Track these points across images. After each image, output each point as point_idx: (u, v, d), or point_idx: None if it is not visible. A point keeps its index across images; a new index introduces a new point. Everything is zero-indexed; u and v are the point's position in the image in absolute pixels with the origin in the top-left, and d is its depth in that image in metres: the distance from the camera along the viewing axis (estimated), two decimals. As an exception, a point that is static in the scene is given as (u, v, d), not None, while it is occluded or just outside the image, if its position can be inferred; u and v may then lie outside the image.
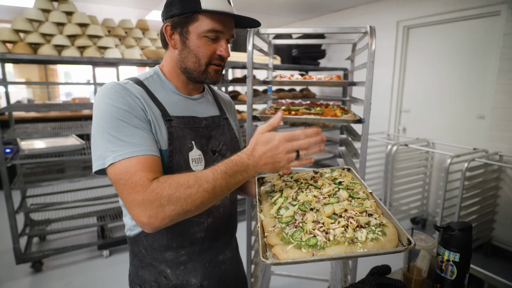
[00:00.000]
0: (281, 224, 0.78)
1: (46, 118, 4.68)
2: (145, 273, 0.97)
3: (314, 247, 0.71)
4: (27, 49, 2.39)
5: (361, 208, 0.80)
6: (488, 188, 2.82)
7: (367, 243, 0.70)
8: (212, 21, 0.86)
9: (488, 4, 2.85)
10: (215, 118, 1.02)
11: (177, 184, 0.72)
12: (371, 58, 1.31)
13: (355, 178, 1.02)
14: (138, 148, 0.76)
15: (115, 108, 0.78)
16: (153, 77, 0.94)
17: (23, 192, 2.90)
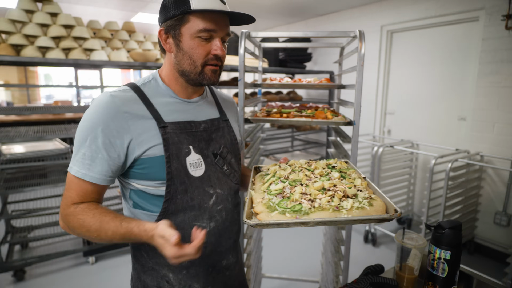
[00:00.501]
0: (269, 195, 0.83)
1: (27, 121, 4.55)
2: (147, 277, 0.96)
3: (298, 212, 0.73)
4: (9, 50, 2.32)
5: (351, 184, 0.83)
6: (471, 187, 2.91)
7: (352, 210, 0.72)
8: (203, 21, 0.86)
9: (467, 10, 2.96)
10: (215, 121, 1.01)
11: (82, 224, 0.82)
12: (361, 61, 1.34)
13: (350, 166, 1.07)
14: (88, 173, 0.83)
15: (92, 125, 0.83)
16: (150, 82, 0.94)
17: (4, 198, 2.80)
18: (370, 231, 3.23)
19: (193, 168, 0.90)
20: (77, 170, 0.83)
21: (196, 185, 0.91)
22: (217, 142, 0.98)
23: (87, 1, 3.81)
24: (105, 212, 0.83)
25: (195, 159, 0.91)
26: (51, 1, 2.53)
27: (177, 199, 0.89)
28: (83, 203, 0.86)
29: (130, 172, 0.89)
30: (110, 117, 0.83)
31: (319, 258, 2.80)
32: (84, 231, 0.82)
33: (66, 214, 0.84)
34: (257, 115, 1.58)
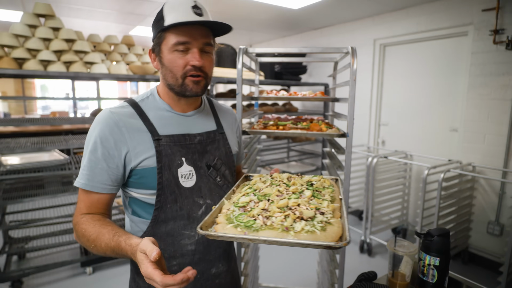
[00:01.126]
0: (234, 207, 0.84)
1: (25, 132, 4.57)
2: (140, 280, 1.01)
3: (249, 228, 0.74)
4: (12, 64, 2.38)
5: (315, 206, 0.81)
6: (463, 197, 2.97)
7: (301, 233, 0.70)
8: (177, 35, 0.91)
9: (457, 25, 3.07)
10: (211, 133, 1.06)
11: (83, 233, 0.88)
12: (353, 76, 1.41)
13: (335, 186, 1.05)
14: (89, 183, 0.91)
15: (93, 139, 0.91)
16: (148, 98, 1.00)
17: (3, 209, 2.81)
18: (366, 241, 3.26)
19: (184, 179, 0.95)
20: (79, 181, 0.92)
21: (186, 195, 0.96)
22: (211, 154, 1.03)
23: (87, 15, 3.89)
24: (105, 224, 0.88)
25: (186, 171, 0.96)
26: (53, 16, 2.60)
27: (167, 208, 0.94)
28: (90, 214, 0.92)
29: (128, 182, 0.95)
30: (109, 131, 0.90)
31: (315, 267, 2.82)
32: (84, 240, 0.87)
33: (74, 223, 0.92)
34: (254, 127, 1.64)
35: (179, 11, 0.89)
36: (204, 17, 0.93)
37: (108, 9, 3.63)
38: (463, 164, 3.00)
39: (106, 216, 0.96)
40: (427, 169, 2.77)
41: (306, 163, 4.90)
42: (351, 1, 3.25)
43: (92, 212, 0.93)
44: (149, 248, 0.70)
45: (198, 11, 0.91)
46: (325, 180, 1.05)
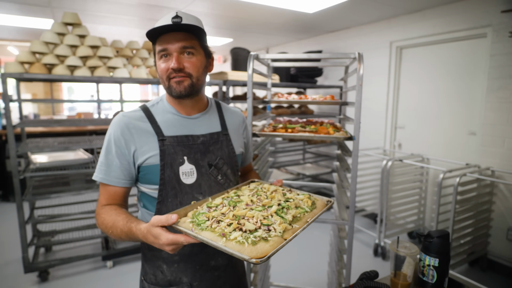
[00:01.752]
0: (206, 206, 0.93)
1: (52, 132, 4.83)
2: (147, 266, 1.12)
3: (198, 226, 0.83)
4: (42, 69, 2.56)
5: (267, 221, 0.84)
6: (482, 202, 2.91)
7: (231, 241, 0.76)
8: (159, 44, 1.01)
9: (474, 27, 3.02)
10: (214, 135, 1.13)
11: (102, 222, 0.99)
12: (360, 81, 1.45)
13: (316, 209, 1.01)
14: (106, 177, 1.03)
15: (108, 139, 1.04)
16: (158, 104, 1.11)
17: (32, 204, 3.01)
18: (380, 245, 3.25)
19: (185, 176, 1.05)
20: (97, 175, 1.05)
21: (186, 191, 1.05)
22: (214, 154, 1.11)
23: (111, 21, 4.08)
24: (121, 213, 0.99)
25: (188, 169, 1.05)
26: (80, 24, 2.77)
27: (168, 202, 1.04)
28: (109, 205, 1.04)
29: (138, 177, 1.07)
30: (120, 132, 1.02)
31: (325, 268, 2.85)
32: (103, 227, 1.00)
33: (96, 214, 1.05)
34: (264, 130, 1.70)
35: (161, 23, 0.99)
36: (183, 21, 0.99)
37: (130, 15, 3.80)
38: (481, 169, 2.94)
39: (123, 206, 1.07)
40: (442, 173, 2.74)
41: (322, 165, 4.91)
42: (367, 5, 3.26)
43: (111, 203, 1.05)
44: (163, 217, 0.82)
45: (176, 20, 0.97)
46: (309, 201, 1.02)
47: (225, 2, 3.23)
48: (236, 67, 3.96)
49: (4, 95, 2.35)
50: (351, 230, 1.60)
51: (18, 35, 5.21)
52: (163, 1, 3.21)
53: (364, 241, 3.57)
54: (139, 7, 3.46)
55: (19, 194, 2.46)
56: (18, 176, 2.43)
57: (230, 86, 3.31)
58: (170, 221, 0.82)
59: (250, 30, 4.57)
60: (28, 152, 2.61)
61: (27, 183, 2.98)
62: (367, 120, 4.16)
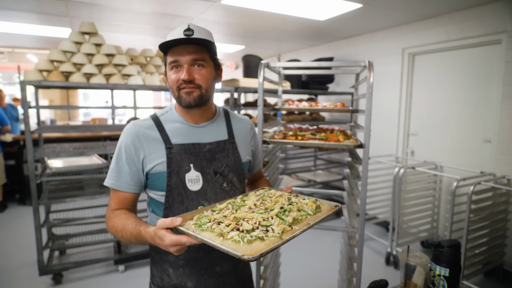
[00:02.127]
0: (211, 210, 0.97)
1: (68, 138, 4.96)
2: (155, 269, 1.16)
3: (199, 227, 0.86)
4: (60, 77, 2.65)
5: (266, 222, 0.86)
6: (497, 211, 2.84)
7: (228, 240, 0.78)
8: (170, 56, 1.05)
9: (489, 33, 2.98)
10: (221, 143, 1.16)
11: (113, 225, 1.03)
12: (370, 89, 1.45)
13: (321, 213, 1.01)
14: (116, 183, 1.08)
15: (119, 146, 1.09)
16: (167, 113, 1.15)
17: (48, 208, 3.09)
18: (392, 253, 3.20)
19: (191, 183, 1.07)
20: (108, 181, 1.09)
21: (192, 197, 1.08)
22: (219, 162, 1.13)
23: (126, 30, 4.19)
24: (130, 217, 1.02)
25: (193, 176, 1.08)
26: (96, 33, 2.86)
27: (174, 208, 1.07)
28: (119, 209, 1.08)
29: (147, 184, 1.11)
30: (131, 140, 1.07)
31: (336, 276, 2.83)
32: (114, 231, 1.03)
33: (106, 218, 1.08)
34: (274, 137, 1.72)
35: (172, 35, 1.02)
36: (194, 37, 1.02)
37: (145, 24, 3.90)
38: (496, 177, 2.88)
39: (132, 211, 1.11)
40: (456, 181, 2.69)
41: (333, 172, 4.88)
42: (379, 12, 3.26)
43: (121, 208, 1.09)
44: (168, 220, 0.86)
45: (188, 33, 1.01)
46: (313, 205, 1.02)
47: (238, 11, 3.28)
48: (248, 74, 4.00)
49: (23, 102, 2.44)
50: (361, 238, 1.60)
51: (37, 44, 5.40)
52: (177, 10, 3.29)
53: (376, 249, 3.53)
54: (154, 16, 3.54)
55: (36, 198, 2.53)
56: (35, 180, 2.51)
57: (241, 92, 3.34)
58: (175, 223, 0.86)
59: (261, 37, 4.61)
60: (44, 157, 2.69)
61: (43, 187, 3.06)
62: (379, 127, 4.12)
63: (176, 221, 0.86)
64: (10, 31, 4.29)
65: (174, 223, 0.86)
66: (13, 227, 3.94)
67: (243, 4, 3.05)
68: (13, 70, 8.08)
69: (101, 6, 3.18)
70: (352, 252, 1.75)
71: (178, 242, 0.83)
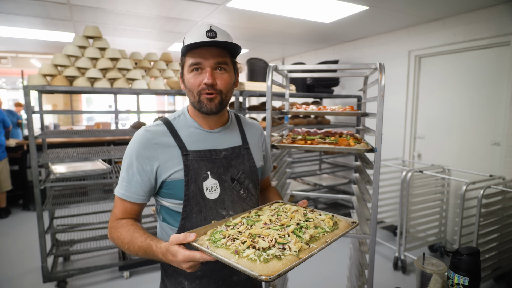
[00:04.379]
0: (225, 225, 0.93)
1: (72, 143, 4.94)
2: (168, 281, 1.10)
3: (213, 243, 0.83)
4: (64, 81, 2.63)
5: (283, 240, 0.83)
6: (508, 215, 2.79)
7: (244, 259, 0.76)
8: (191, 57, 1.00)
9: (497, 35, 2.95)
10: (236, 149, 1.12)
11: (119, 236, 0.99)
12: (381, 92, 1.42)
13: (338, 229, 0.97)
14: (126, 193, 1.03)
15: (129, 155, 1.03)
16: (180, 117, 1.10)
17: (52, 213, 3.06)
18: (400, 258, 3.15)
19: (209, 191, 1.03)
20: (118, 191, 1.04)
21: (210, 206, 1.03)
22: (236, 168, 1.10)
23: (130, 34, 4.19)
24: (138, 229, 0.99)
25: (211, 184, 1.04)
26: (100, 37, 2.84)
27: (192, 218, 1.02)
28: (125, 219, 1.04)
29: (160, 192, 1.05)
30: (143, 148, 1.01)
31: (345, 282, 2.78)
32: (119, 242, 0.99)
33: (110, 227, 1.04)
34: (283, 141, 1.68)
35: (194, 36, 0.98)
36: (217, 39, 0.98)
37: (149, 28, 3.89)
38: (506, 180, 2.83)
39: (137, 221, 1.07)
40: (465, 185, 2.65)
41: (339, 176, 4.84)
42: (385, 14, 3.23)
43: (126, 217, 1.05)
44: (182, 235, 0.83)
45: (211, 35, 0.98)
46: (330, 221, 0.98)
47: (242, 14, 3.26)
48: (253, 78, 3.98)
49: (27, 107, 2.42)
50: (373, 244, 1.55)
51: (41, 48, 5.41)
52: (182, 14, 3.27)
53: (383, 253, 3.47)
54: (158, 20, 3.53)
55: (40, 204, 2.51)
56: (38, 186, 2.48)
57: (246, 96, 3.31)
58: (188, 239, 0.83)
59: (266, 41, 4.59)
60: (48, 162, 2.67)
61: (47, 193, 3.04)
62: (385, 130, 4.08)
63: (190, 237, 0.83)
64: (14, 36, 4.29)
65: (188, 239, 0.83)
66: (17, 233, 3.91)
67: (248, 8, 3.03)
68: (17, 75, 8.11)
69: (105, 10, 3.18)
70: (363, 258, 1.71)
71: (192, 258, 0.80)
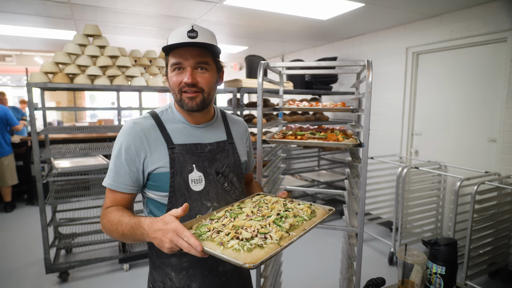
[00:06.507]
0: (209, 218, 0.97)
1: (74, 139, 5.03)
2: (156, 273, 1.14)
3: (199, 236, 0.86)
4: (65, 78, 2.69)
5: (264, 230, 0.87)
6: (502, 211, 2.82)
7: (228, 249, 0.79)
8: (173, 56, 1.03)
9: (494, 31, 2.96)
10: (221, 143, 1.17)
11: (108, 220, 1.00)
12: (369, 89, 1.46)
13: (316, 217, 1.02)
14: (114, 183, 1.05)
15: (118, 146, 1.05)
16: (167, 111, 1.14)
17: (54, 207, 3.14)
18: (395, 253, 3.19)
19: (194, 183, 1.07)
20: (106, 181, 1.07)
21: (195, 198, 1.07)
22: (220, 162, 1.14)
23: (129, 32, 4.24)
24: (126, 212, 1.02)
25: (196, 176, 1.08)
26: (100, 36, 2.90)
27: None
28: (115, 206, 1.07)
29: (147, 184, 1.09)
30: (131, 139, 1.04)
31: (338, 275, 2.83)
32: (109, 226, 1.00)
33: (101, 215, 1.07)
34: (274, 137, 1.73)
35: (176, 36, 1.01)
36: (198, 39, 1.01)
37: (148, 26, 3.94)
38: (501, 177, 2.86)
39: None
40: (459, 181, 2.68)
41: (336, 172, 4.88)
42: (382, 11, 3.25)
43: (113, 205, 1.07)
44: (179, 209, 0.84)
45: (192, 35, 1.00)
46: (308, 210, 1.04)
47: (240, 12, 3.30)
48: (251, 75, 4.02)
49: (29, 104, 2.48)
50: (361, 237, 1.60)
51: (44, 46, 5.49)
52: (180, 12, 3.32)
53: (380, 249, 3.52)
54: (157, 18, 3.58)
55: (42, 198, 2.58)
56: (41, 181, 2.55)
57: (244, 93, 3.36)
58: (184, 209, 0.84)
59: (265, 38, 4.63)
60: (51, 157, 2.74)
61: (49, 187, 3.11)
62: (383, 127, 4.11)
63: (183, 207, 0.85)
64: (17, 34, 4.37)
65: (183, 209, 0.84)
66: (21, 227, 4.01)
67: (246, 5, 3.07)
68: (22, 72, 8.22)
69: (105, 9, 3.23)
70: (352, 251, 1.76)
71: (181, 232, 0.79)
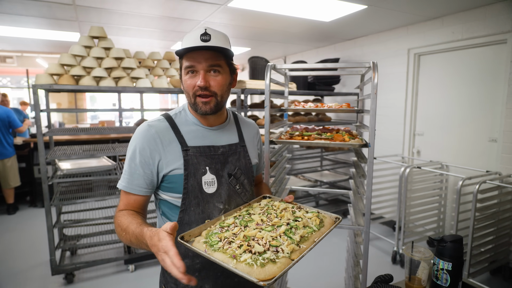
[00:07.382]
0: (219, 226, 0.97)
1: (77, 140, 5.04)
2: (168, 275, 1.15)
3: (211, 247, 0.86)
4: (70, 80, 2.72)
5: (276, 242, 0.87)
6: (503, 210, 2.85)
7: (241, 263, 0.79)
8: (186, 60, 1.04)
9: (495, 33, 2.99)
10: (233, 146, 1.18)
11: (119, 224, 1.01)
12: (374, 90, 1.49)
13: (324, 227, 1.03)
14: (128, 185, 1.07)
15: (133, 148, 1.07)
16: (181, 113, 1.16)
17: (59, 209, 3.16)
18: (398, 252, 3.22)
19: (207, 185, 1.08)
20: (121, 183, 1.08)
21: (207, 200, 1.08)
22: (232, 164, 1.15)
23: (134, 33, 4.27)
24: (137, 217, 1.00)
25: (209, 178, 1.09)
26: (105, 37, 2.93)
27: (191, 211, 1.07)
28: (126, 210, 1.08)
29: (161, 186, 1.11)
30: (146, 142, 1.05)
31: (343, 274, 2.85)
32: (119, 230, 1.01)
33: (114, 217, 1.08)
34: (281, 137, 1.76)
35: (189, 39, 1.02)
36: (211, 43, 1.01)
37: (152, 27, 3.96)
38: (502, 176, 2.89)
39: (140, 214, 1.09)
40: (461, 180, 2.71)
41: (339, 172, 4.90)
42: (384, 13, 3.28)
43: (129, 209, 1.08)
44: (169, 224, 0.80)
45: (205, 38, 1.01)
46: (317, 220, 1.04)
47: (244, 14, 3.33)
48: (254, 76, 4.05)
49: (35, 105, 2.50)
50: (367, 235, 1.63)
51: (46, 48, 5.51)
52: (184, 13, 3.34)
53: (383, 248, 3.54)
54: (161, 20, 3.61)
55: (48, 200, 2.60)
56: (47, 182, 2.57)
57: (248, 94, 3.39)
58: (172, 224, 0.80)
59: (267, 39, 4.66)
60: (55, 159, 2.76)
61: (54, 189, 3.13)
62: (385, 127, 4.14)
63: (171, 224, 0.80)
64: (20, 35, 4.38)
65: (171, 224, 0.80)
66: (25, 229, 4.03)
67: (249, 7, 3.10)
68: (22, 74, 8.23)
69: (109, 11, 3.26)
70: (358, 249, 1.78)
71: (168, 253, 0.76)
